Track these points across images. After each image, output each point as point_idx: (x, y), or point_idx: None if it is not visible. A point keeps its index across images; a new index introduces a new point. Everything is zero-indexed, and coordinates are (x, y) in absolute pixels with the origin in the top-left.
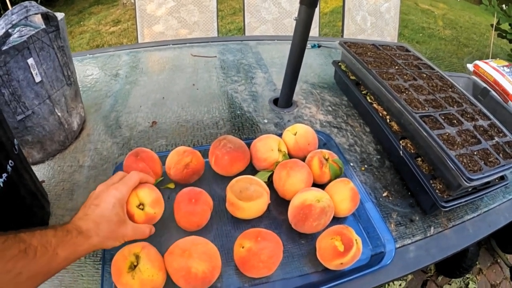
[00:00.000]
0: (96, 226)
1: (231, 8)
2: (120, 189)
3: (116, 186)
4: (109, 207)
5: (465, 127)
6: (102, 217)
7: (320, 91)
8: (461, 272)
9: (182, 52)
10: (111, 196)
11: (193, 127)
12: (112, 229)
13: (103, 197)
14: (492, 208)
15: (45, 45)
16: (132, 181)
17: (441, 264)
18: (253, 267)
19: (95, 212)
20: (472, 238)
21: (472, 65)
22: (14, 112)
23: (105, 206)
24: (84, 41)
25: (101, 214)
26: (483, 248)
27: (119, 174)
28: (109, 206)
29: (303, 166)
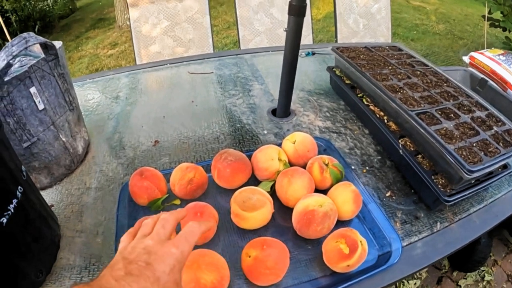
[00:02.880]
0: None
1: (225, 23)
2: (181, 248)
3: (176, 243)
4: (166, 270)
5: (463, 120)
6: (155, 282)
7: (317, 98)
8: (475, 266)
9: (179, 70)
10: (169, 255)
11: (195, 143)
12: None
13: (159, 254)
14: (498, 198)
15: (46, 73)
16: (195, 238)
17: (454, 259)
18: (261, 274)
19: (145, 273)
20: (479, 229)
21: (468, 57)
22: (20, 140)
23: (161, 268)
24: (83, 66)
25: (155, 277)
26: (496, 239)
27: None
28: (166, 268)
29: (303, 172)
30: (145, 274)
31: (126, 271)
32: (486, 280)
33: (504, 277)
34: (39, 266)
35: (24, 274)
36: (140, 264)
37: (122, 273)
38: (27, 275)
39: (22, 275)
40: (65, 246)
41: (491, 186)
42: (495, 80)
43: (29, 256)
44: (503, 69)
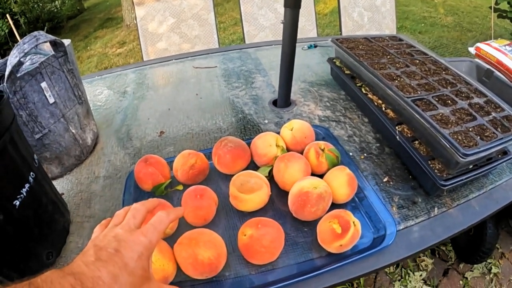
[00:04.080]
0: (112, 279)
1: (232, 19)
2: (149, 236)
3: (144, 232)
4: (133, 257)
5: (460, 106)
6: (123, 267)
7: (318, 89)
8: (481, 257)
9: (185, 65)
10: (138, 243)
11: (199, 133)
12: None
13: (128, 242)
14: (498, 184)
15: (56, 69)
16: (163, 227)
17: (460, 250)
18: (256, 252)
19: (113, 259)
20: (479, 215)
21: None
22: (32, 132)
23: (128, 254)
24: (92, 65)
25: (123, 263)
26: (503, 232)
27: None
28: (133, 255)
29: (300, 157)
30: (114, 260)
31: (96, 257)
32: (493, 273)
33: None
34: (50, 249)
35: (36, 255)
36: (110, 251)
37: (92, 259)
38: (39, 256)
39: (34, 256)
40: (74, 231)
41: (491, 173)
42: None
43: (41, 238)
44: (509, 59)
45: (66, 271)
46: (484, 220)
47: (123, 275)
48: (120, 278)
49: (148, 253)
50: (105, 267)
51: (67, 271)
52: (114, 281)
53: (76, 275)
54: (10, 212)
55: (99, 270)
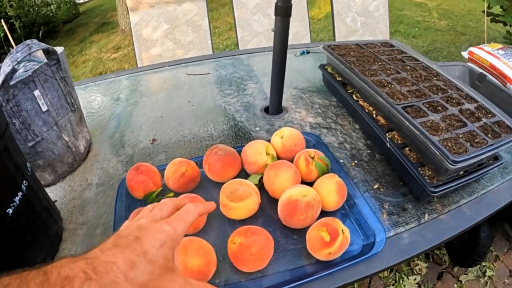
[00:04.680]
0: (129, 265)
1: (227, 24)
2: (174, 226)
3: (169, 221)
4: (155, 245)
5: (450, 112)
6: (142, 254)
7: (309, 95)
8: (476, 260)
9: (178, 72)
10: (161, 231)
11: (190, 141)
12: (153, 276)
13: (151, 230)
14: (490, 189)
15: (48, 77)
16: (190, 218)
17: (454, 254)
18: (245, 260)
19: (132, 245)
20: (470, 220)
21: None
22: (25, 140)
23: (150, 242)
24: (87, 70)
25: (142, 250)
26: (498, 234)
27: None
28: (155, 243)
29: (289, 165)
30: (133, 247)
31: (114, 244)
32: (487, 276)
33: (506, 273)
34: (43, 255)
35: (29, 262)
36: (130, 238)
37: (109, 246)
38: (32, 263)
39: (28, 262)
40: (68, 238)
41: (483, 178)
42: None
43: (34, 245)
44: (502, 63)
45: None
46: (476, 225)
47: (141, 263)
48: (137, 265)
49: (172, 243)
50: (122, 253)
51: (80, 257)
52: (131, 267)
53: (89, 259)
54: (3, 220)
55: (115, 255)
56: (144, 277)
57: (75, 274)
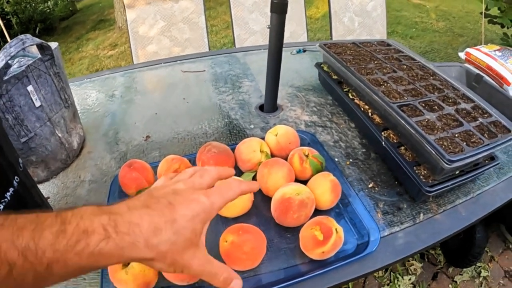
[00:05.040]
0: (153, 231)
1: (224, 23)
2: (212, 199)
3: (208, 193)
4: (187, 215)
5: (446, 111)
6: (170, 222)
7: (305, 94)
8: (471, 261)
9: (174, 69)
10: (197, 202)
11: (184, 138)
12: (175, 247)
13: (186, 199)
14: (485, 190)
15: (42, 72)
16: (231, 195)
17: (449, 254)
18: (237, 259)
19: (162, 210)
20: (466, 220)
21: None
22: (18, 135)
23: (182, 210)
24: (83, 67)
25: (171, 218)
26: (493, 235)
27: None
28: (188, 213)
29: (283, 163)
30: (162, 211)
31: (143, 204)
32: (482, 276)
33: (501, 273)
34: None
35: None
36: (162, 201)
37: (139, 204)
38: None
39: None
40: None
41: (478, 178)
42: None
43: None
44: (499, 64)
45: (104, 209)
46: (471, 225)
47: (166, 231)
48: (162, 233)
49: (205, 217)
50: (149, 216)
51: (105, 209)
52: (154, 234)
53: (112, 215)
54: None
55: (141, 217)
56: (166, 247)
57: (94, 229)
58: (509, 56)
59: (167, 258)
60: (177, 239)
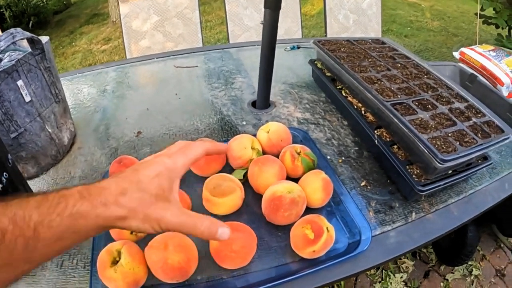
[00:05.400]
0: (120, 191)
1: (218, 18)
2: (174, 158)
3: (170, 154)
4: (150, 174)
5: (440, 110)
6: (135, 183)
7: (298, 90)
8: (463, 260)
9: (166, 64)
10: (158, 163)
11: (176, 134)
12: (143, 202)
13: (150, 162)
14: (478, 189)
15: (32, 67)
16: (193, 153)
17: (441, 253)
18: (227, 257)
19: (128, 176)
20: (458, 220)
21: (458, 53)
22: (8, 131)
23: (145, 172)
24: (76, 61)
25: (136, 179)
26: (485, 234)
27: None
28: (151, 173)
29: (274, 161)
30: (128, 177)
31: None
32: (474, 275)
33: (493, 272)
34: None
35: None
36: (128, 170)
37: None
38: None
39: None
40: None
41: (471, 178)
42: (485, 75)
43: None
44: (493, 64)
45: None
46: (463, 225)
47: (132, 190)
48: (128, 192)
49: (169, 174)
50: (116, 182)
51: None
52: (122, 193)
53: (85, 185)
54: None
55: (109, 183)
56: (134, 203)
57: (71, 193)
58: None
59: (139, 213)
60: (144, 195)
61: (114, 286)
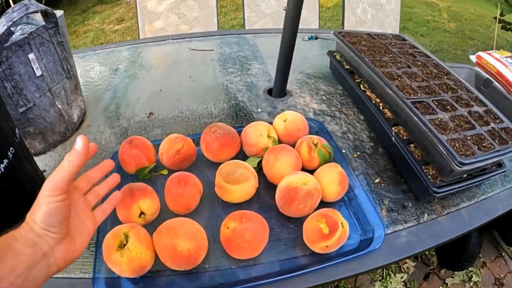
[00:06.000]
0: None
1: (234, 4)
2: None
3: None
4: None
5: (459, 112)
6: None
7: (315, 81)
8: (463, 265)
9: (181, 46)
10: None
11: (188, 117)
12: None
13: None
14: (490, 196)
15: (45, 40)
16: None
17: (443, 256)
18: (238, 247)
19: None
20: (468, 225)
21: (475, 57)
22: (16, 105)
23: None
24: (88, 40)
25: None
26: (486, 241)
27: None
28: None
29: (290, 150)
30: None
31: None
32: (473, 281)
33: (492, 280)
34: None
35: None
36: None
37: None
38: None
39: None
40: None
41: (484, 183)
42: (501, 82)
43: (17, 217)
44: (509, 71)
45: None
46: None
47: None
48: None
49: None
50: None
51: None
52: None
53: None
54: None
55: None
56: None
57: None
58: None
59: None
60: None
61: (119, 270)
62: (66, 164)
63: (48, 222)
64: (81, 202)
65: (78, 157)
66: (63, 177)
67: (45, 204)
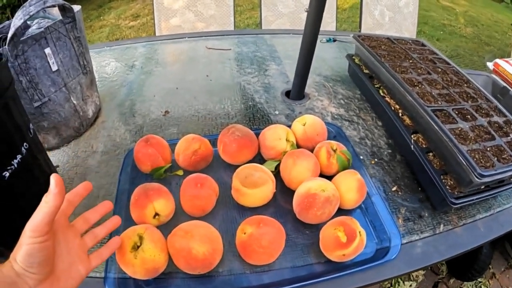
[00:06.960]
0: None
1: (250, 3)
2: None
3: None
4: None
5: (479, 122)
6: None
7: (333, 84)
8: (473, 275)
9: (198, 44)
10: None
11: (205, 117)
12: None
13: None
14: (506, 208)
15: (62, 35)
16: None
17: (453, 265)
18: (254, 252)
19: None
20: (483, 237)
21: (492, 64)
22: (31, 99)
23: None
24: (103, 35)
25: None
26: (497, 252)
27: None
28: None
29: (309, 155)
30: None
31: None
32: None
33: None
34: None
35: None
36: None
37: None
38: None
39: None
40: None
41: (500, 195)
42: None
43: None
44: None
45: None
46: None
47: None
48: None
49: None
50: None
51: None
52: None
53: None
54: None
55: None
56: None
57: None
58: None
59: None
60: None
61: (132, 271)
62: (43, 205)
63: (27, 263)
64: (76, 243)
65: (54, 197)
66: (43, 218)
67: (25, 245)
